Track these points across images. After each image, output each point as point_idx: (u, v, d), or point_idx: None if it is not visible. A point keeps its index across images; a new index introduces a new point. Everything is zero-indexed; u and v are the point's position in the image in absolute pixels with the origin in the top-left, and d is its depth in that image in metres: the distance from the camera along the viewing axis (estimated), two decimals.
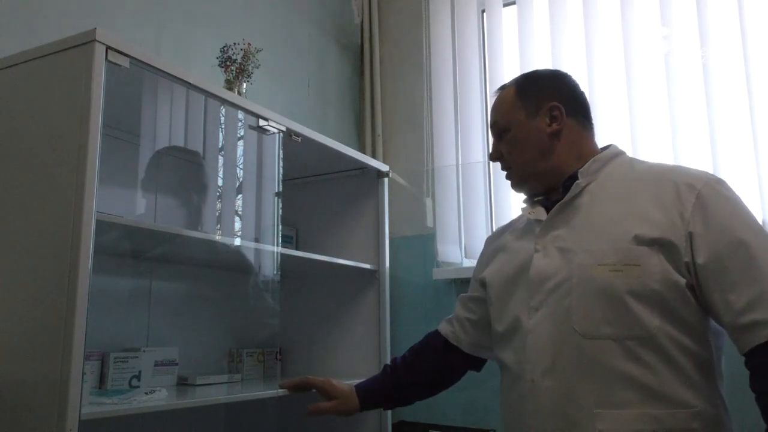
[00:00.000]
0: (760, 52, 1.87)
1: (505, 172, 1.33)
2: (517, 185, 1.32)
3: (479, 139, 2.34)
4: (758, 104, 1.85)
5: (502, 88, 1.34)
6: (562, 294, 1.13)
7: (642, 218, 1.10)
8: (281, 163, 1.73)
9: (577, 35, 2.17)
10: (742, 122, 1.88)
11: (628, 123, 2.03)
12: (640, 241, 1.08)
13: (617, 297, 1.07)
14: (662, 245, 1.07)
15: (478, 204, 2.29)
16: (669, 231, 1.07)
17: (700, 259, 1.05)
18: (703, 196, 1.08)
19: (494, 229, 2.24)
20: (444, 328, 1.45)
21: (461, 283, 2.20)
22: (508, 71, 2.26)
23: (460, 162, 2.34)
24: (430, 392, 1.48)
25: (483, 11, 2.45)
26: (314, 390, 1.48)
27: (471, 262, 2.24)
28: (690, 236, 1.06)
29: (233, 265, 1.76)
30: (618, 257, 1.08)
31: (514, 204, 2.19)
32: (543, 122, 1.24)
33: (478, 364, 1.44)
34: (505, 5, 2.35)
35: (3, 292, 1.13)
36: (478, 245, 2.26)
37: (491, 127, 1.33)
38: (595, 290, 1.09)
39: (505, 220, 2.16)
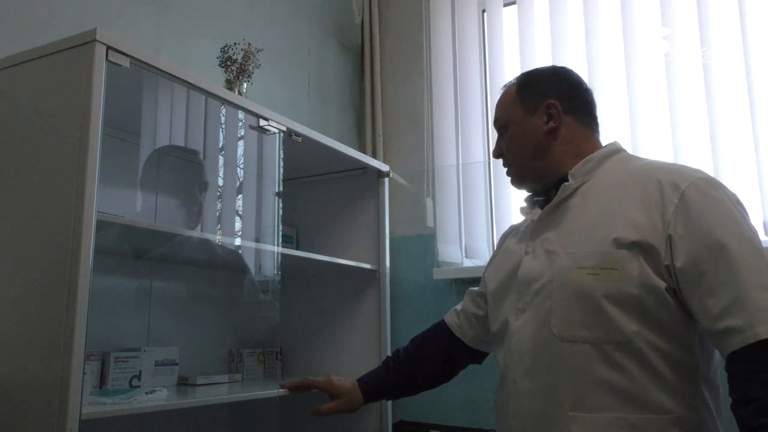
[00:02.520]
0: (760, 52, 1.87)
1: (505, 169, 1.34)
2: (515, 183, 1.32)
3: (479, 139, 2.34)
4: (759, 104, 1.85)
5: (506, 85, 1.33)
6: (544, 296, 1.13)
7: (624, 220, 1.08)
8: (281, 163, 1.73)
9: (578, 35, 2.17)
10: (742, 122, 1.88)
11: (629, 123, 2.03)
12: (619, 244, 1.06)
13: (594, 301, 1.06)
14: (642, 248, 1.05)
15: (479, 204, 2.29)
16: (649, 233, 1.05)
17: (678, 263, 1.02)
18: (686, 197, 1.05)
19: (494, 229, 2.26)
20: (450, 319, 1.45)
21: (462, 283, 2.19)
22: (509, 71, 2.26)
23: (460, 162, 2.34)
24: (433, 384, 1.48)
25: (483, 11, 2.45)
26: (315, 390, 1.48)
27: (471, 262, 2.24)
28: (670, 239, 1.04)
29: (234, 265, 1.76)
30: (596, 260, 1.07)
31: (514, 204, 2.19)
32: (540, 120, 1.23)
33: (479, 357, 1.45)
34: (505, 5, 2.35)
35: (3, 292, 1.13)
36: (479, 245, 2.27)
37: (494, 124, 1.34)
38: (573, 293, 1.08)
39: (505, 220, 2.18)
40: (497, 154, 1.33)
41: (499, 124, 1.31)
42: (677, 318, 1.05)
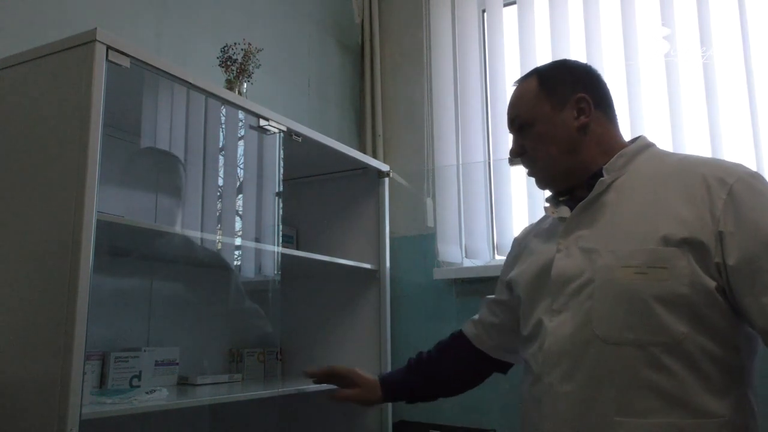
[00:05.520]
0: (761, 52, 1.87)
1: (527, 170, 1.26)
2: (542, 183, 1.25)
3: (480, 139, 2.33)
4: (759, 104, 1.85)
5: (521, 80, 1.26)
6: (584, 296, 1.07)
7: (670, 217, 1.03)
8: (282, 163, 1.73)
9: (578, 35, 2.17)
10: (743, 122, 1.88)
11: (629, 123, 2.03)
12: (668, 242, 1.01)
13: (642, 301, 1.01)
14: (691, 245, 1.00)
15: (479, 204, 2.29)
16: (698, 230, 1.01)
17: (731, 260, 0.99)
18: (734, 192, 1.01)
19: (494, 229, 2.26)
20: (468, 330, 1.40)
21: (462, 283, 2.20)
22: (509, 71, 2.26)
23: (460, 162, 2.34)
24: (454, 391, 1.45)
25: (483, 11, 2.45)
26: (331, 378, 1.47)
27: (471, 262, 2.24)
28: (720, 235, 1.00)
29: (233, 265, 1.76)
30: (644, 259, 1.02)
31: (514, 204, 2.19)
32: (570, 115, 1.17)
33: (504, 366, 1.40)
34: (505, 5, 2.35)
35: (3, 292, 1.13)
36: (479, 245, 2.26)
37: (511, 121, 1.25)
38: (619, 293, 1.03)
39: (505, 220, 2.19)
40: (517, 153, 1.24)
41: (520, 121, 1.22)
42: (725, 318, 1.02)
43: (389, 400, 1.44)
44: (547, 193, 1.29)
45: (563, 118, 1.17)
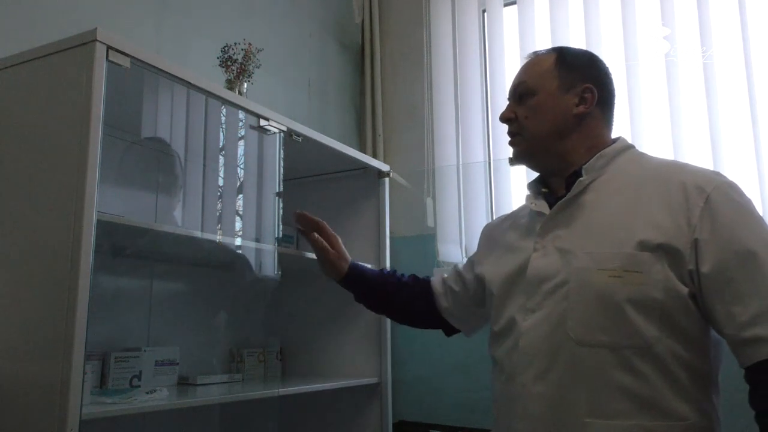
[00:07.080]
0: (761, 52, 1.88)
1: (509, 139, 1.26)
2: (520, 156, 1.25)
3: (480, 139, 2.34)
4: (759, 104, 1.85)
5: (540, 52, 1.28)
6: (559, 297, 1.08)
7: (647, 222, 1.04)
8: (282, 163, 1.73)
9: (578, 35, 2.17)
10: (742, 122, 1.88)
11: (629, 123, 2.03)
12: (644, 246, 1.03)
13: (616, 304, 1.03)
14: (667, 251, 1.02)
15: (479, 204, 2.29)
16: (674, 236, 1.02)
17: (704, 268, 1.00)
18: (712, 201, 1.02)
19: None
20: (435, 286, 1.44)
21: None
22: (509, 71, 2.26)
23: (460, 162, 2.34)
24: (401, 320, 1.52)
25: (484, 11, 2.45)
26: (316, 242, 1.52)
27: None
28: (695, 243, 1.01)
29: (234, 265, 1.76)
30: (619, 262, 1.03)
31: (514, 203, 2.19)
32: (571, 100, 1.18)
33: (450, 330, 1.45)
34: (505, 5, 2.35)
35: (3, 293, 1.13)
36: None
37: (515, 87, 1.25)
38: (593, 296, 1.04)
39: None
40: (507, 119, 1.24)
41: (523, 87, 1.22)
42: (696, 324, 1.03)
43: (344, 284, 1.50)
44: (524, 188, 1.29)
45: (565, 100, 1.19)
